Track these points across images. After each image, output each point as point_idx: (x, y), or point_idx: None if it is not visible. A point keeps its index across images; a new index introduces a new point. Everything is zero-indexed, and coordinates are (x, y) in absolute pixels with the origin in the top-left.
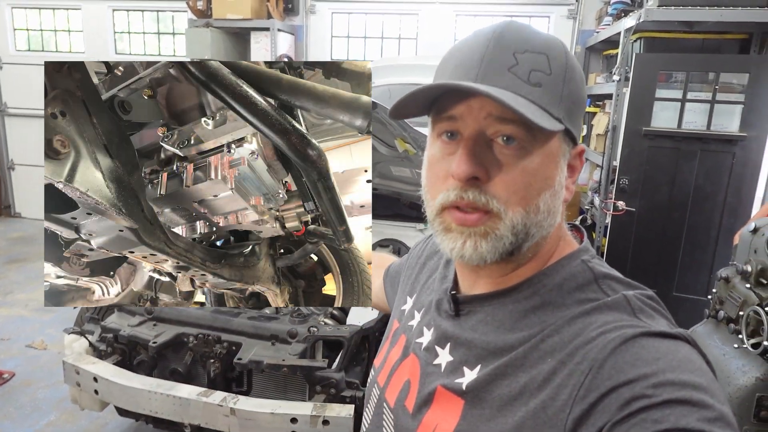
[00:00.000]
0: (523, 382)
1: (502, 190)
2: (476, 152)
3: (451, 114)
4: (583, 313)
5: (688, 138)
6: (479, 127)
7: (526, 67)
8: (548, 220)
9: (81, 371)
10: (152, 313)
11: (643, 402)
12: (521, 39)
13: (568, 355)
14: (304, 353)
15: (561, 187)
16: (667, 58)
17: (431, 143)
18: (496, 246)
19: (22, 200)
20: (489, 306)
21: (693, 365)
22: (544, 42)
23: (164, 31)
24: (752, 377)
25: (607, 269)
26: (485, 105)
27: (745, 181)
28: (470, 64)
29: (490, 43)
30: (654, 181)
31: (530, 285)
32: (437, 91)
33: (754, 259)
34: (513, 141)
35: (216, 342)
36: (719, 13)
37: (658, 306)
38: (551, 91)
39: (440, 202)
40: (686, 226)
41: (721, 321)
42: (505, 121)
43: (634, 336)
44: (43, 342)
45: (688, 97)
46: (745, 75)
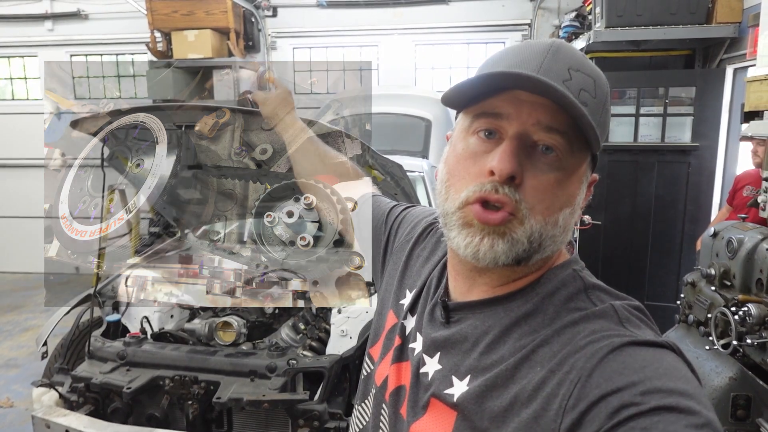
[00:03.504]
0: (514, 393)
1: (531, 196)
2: (518, 152)
3: (499, 111)
4: (571, 323)
5: (644, 151)
6: (525, 130)
7: (577, 85)
8: (561, 236)
9: (52, 425)
10: (125, 357)
11: (632, 410)
12: (575, 58)
13: (558, 364)
14: (284, 387)
15: (578, 208)
16: (619, 76)
17: (462, 138)
18: (512, 249)
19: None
20: (480, 314)
21: (679, 373)
22: (594, 68)
23: (124, 74)
24: (726, 377)
25: (596, 280)
26: (535, 112)
27: (702, 189)
28: (530, 66)
29: (548, 54)
30: (616, 194)
31: (523, 294)
32: (501, 79)
33: (717, 263)
34: (552, 152)
35: (193, 383)
36: (663, 32)
37: (644, 317)
38: (593, 114)
39: (467, 195)
40: (651, 235)
41: (691, 325)
42: (552, 131)
43: (622, 345)
44: (9, 399)
45: (641, 112)
46: (692, 88)
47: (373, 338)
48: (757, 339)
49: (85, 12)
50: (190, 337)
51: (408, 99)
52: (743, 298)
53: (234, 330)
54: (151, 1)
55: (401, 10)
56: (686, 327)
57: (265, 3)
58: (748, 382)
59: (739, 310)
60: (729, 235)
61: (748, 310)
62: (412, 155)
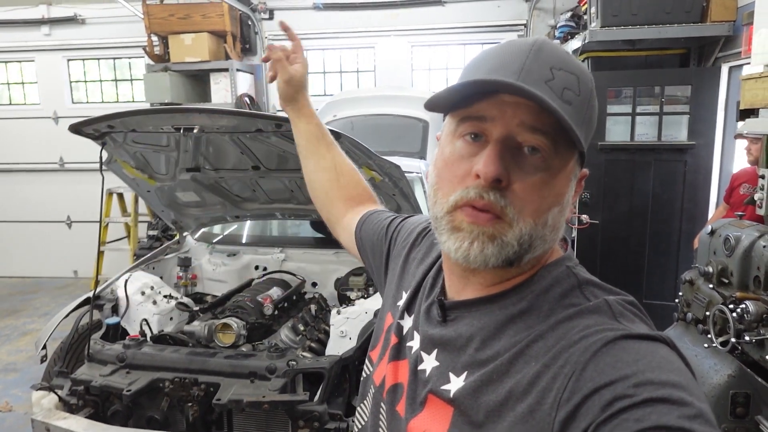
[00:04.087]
0: (509, 387)
1: (519, 198)
2: (503, 155)
3: (482, 114)
4: (566, 318)
5: (641, 149)
6: (509, 132)
7: (561, 83)
8: (552, 235)
9: (52, 428)
10: (124, 360)
11: (625, 402)
12: (558, 56)
13: (552, 358)
14: (284, 388)
15: (568, 205)
16: (615, 75)
17: (449, 142)
18: (501, 251)
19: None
20: (476, 311)
21: (672, 365)
22: (577, 64)
23: (121, 77)
24: (725, 375)
25: (590, 276)
26: (519, 112)
27: (698, 187)
28: (510, 69)
29: (530, 54)
30: (614, 193)
31: (517, 291)
32: (480, 87)
33: (714, 260)
34: (538, 152)
35: (193, 384)
36: (657, 31)
37: (638, 311)
38: (578, 111)
39: (455, 200)
40: (648, 234)
41: (689, 323)
42: (536, 131)
43: (615, 338)
44: (8, 403)
45: (637, 111)
46: (688, 87)
47: (373, 341)
48: (755, 336)
49: (81, 17)
50: (190, 339)
51: (405, 100)
52: (741, 295)
53: (233, 332)
54: (148, 5)
55: (397, 12)
56: (685, 325)
57: (262, 6)
58: (746, 379)
59: (737, 307)
60: (726, 233)
61: (746, 308)
62: (410, 156)
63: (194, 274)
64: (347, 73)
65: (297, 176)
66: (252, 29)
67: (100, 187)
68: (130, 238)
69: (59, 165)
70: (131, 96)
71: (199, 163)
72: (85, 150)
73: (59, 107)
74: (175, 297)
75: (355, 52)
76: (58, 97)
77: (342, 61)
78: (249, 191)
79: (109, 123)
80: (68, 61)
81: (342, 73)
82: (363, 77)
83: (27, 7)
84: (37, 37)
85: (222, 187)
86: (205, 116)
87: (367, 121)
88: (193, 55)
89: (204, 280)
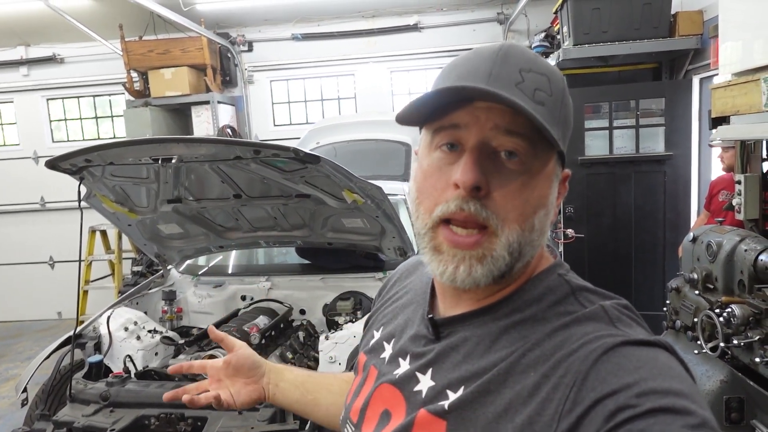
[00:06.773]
0: (508, 398)
1: (501, 205)
2: (480, 162)
3: (456, 122)
4: (562, 326)
5: (620, 162)
6: (484, 137)
7: (531, 85)
8: (539, 240)
9: None
10: (108, 398)
11: (628, 413)
12: (526, 59)
13: (552, 368)
14: (273, 418)
15: (552, 207)
16: (591, 91)
17: (426, 154)
18: (492, 269)
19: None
20: (470, 325)
21: (673, 372)
22: (546, 65)
23: (102, 115)
24: (717, 380)
25: (583, 282)
26: (492, 116)
27: (679, 197)
28: (478, 75)
29: (497, 59)
30: (597, 206)
31: (510, 301)
32: (449, 94)
33: (698, 267)
34: (515, 156)
35: (180, 420)
36: (628, 47)
37: (634, 315)
38: (551, 111)
39: (437, 215)
40: (633, 245)
41: (679, 330)
42: (512, 134)
43: (615, 345)
44: None
45: (614, 125)
46: (662, 99)
47: (352, 396)
48: (743, 339)
49: (60, 56)
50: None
51: (386, 125)
52: (726, 299)
53: None
54: (127, 42)
55: (375, 39)
56: (674, 333)
57: (240, 38)
58: (739, 384)
59: (724, 311)
60: (708, 239)
61: (732, 312)
62: (394, 179)
63: (179, 307)
64: (328, 100)
65: (279, 203)
66: (232, 61)
67: (79, 224)
68: (114, 275)
69: (40, 205)
70: (112, 133)
71: (180, 194)
72: (65, 189)
73: (39, 147)
74: (160, 331)
75: (335, 80)
76: (38, 137)
77: (323, 89)
78: (232, 220)
79: (86, 157)
80: (47, 100)
81: (323, 101)
82: (344, 104)
83: (5, 48)
84: (15, 78)
85: (204, 218)
86: (183, 145)
87: (349, 146)
88: (173, 90)
89: (190, 313)
